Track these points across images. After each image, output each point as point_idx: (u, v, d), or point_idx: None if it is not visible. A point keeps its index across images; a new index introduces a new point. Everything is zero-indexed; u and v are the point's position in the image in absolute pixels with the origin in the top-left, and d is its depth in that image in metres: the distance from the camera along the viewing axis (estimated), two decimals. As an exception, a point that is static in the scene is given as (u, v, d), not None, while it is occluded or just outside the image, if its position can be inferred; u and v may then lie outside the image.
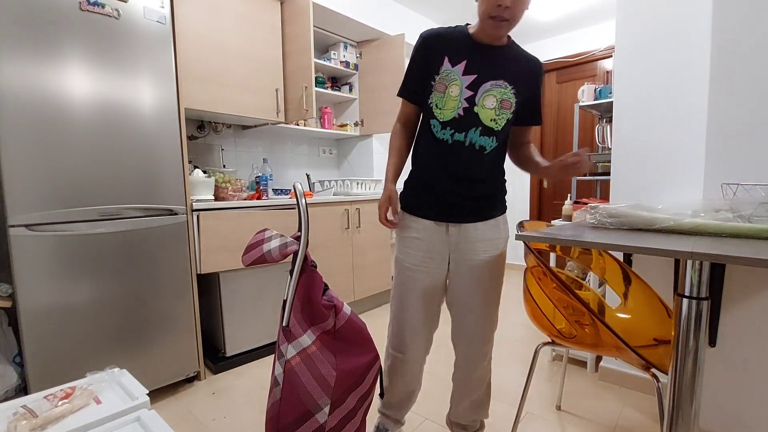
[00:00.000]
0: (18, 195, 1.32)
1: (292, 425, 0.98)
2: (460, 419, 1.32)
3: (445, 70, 1.06)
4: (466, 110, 1.05)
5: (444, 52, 1.07)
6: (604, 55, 3.45)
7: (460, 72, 1.05)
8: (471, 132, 1.06)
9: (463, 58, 1.05)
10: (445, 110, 1.07)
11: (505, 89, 1.06)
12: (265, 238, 1.04)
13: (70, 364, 1.45)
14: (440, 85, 1.07)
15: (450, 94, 1.06)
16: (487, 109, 1.05)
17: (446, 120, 1.07)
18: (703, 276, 0.86)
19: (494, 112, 1.06)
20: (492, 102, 1.05)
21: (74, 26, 1.40)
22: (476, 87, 1.05)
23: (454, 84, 1.05)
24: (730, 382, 1.34)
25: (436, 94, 1.08)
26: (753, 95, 1.22)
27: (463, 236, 1.12)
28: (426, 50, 1.10)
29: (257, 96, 2.32)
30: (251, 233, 1.93)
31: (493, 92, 1.05)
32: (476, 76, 1.05)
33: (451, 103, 1.06)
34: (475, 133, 1.06)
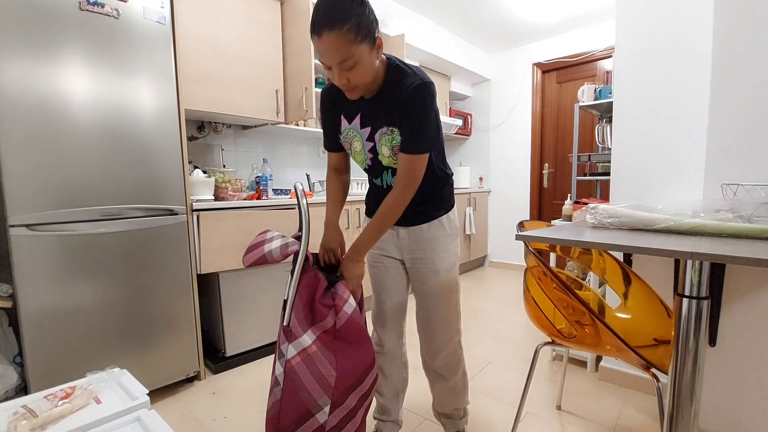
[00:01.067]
0: (18, 195, 1.32)
1: (293, 425, 0.98)
2: (442, 408, 1.36)
3: (344, 129, 1.14)
4: (372, 159, 1.14)
5: (340, 110, 1.13)
6: (604, 55, 3.45)
7: (357, 126, 1.11)
8: (384, 175, 1.16)
9: (357, 111, 1.10)
10: (358, 162, 1.18)
11: (393, 134, 1.05)
12: (267, 239, 1.04)
13: (70, 364, 1.45)
14: (345, 143, 1.16)
15: (355, 149, 1.14)
16: (385, 157, 1.10)
17: (364, 169, 1.19)
18: (703, 276, 0.86)
19: (390, 158, 1.10)
20: (387, 150, 1.08)
21: (74, 26, 1.41)
22: (373, 137, 1.09)
23: (356, 140, 1.12)
24: (730, 382, 1.34)
25: (348, 149, 1.18)
26: (753, 95, 1.22)
27: (413, 237, 1.21)
28: (326, 109, 1.16)
29: (257, 96, 2.32)
30: (251, 233, 1.93)
31: (384, 141, 1.07)
32: (370, 128, 1.09)
33: (359, 157, 1.15)
34: (387, 175, 1.16)
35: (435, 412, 1.39)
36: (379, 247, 1.26)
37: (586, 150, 3.45)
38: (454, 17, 3.35)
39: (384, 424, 1.37)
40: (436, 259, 1.20)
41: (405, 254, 1.23)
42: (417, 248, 1.21)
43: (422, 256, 1.21)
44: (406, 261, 1.24)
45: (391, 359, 1.32)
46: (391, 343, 1.30)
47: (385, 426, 1.37)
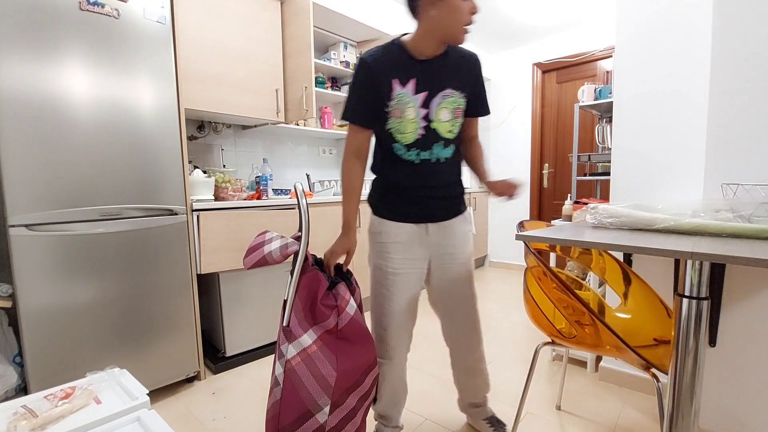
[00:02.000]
0: (18, 195, 1.32)
1: (293, 425, 0.98)
2: (474, 399, 1.40)
3: (397, 94, 1.06)
4: (425, 128, 1.08)
5: (390, 75, 1.06)
6: (604, 55, 3.45)
7: (411, 92, 1.06)
8: (435, 147, 1.11)
9: (411, 76, 1.06)
10: (407, 134, 1.08)
11: (455, 97, 1.09)
12: (266, 240, 1.04)
13: (70, 364, 1.45)
14: (396, 110, 1.07)
15: (407, 117, 1.07)
16: (443, 122, 1.09)
17: (410, 143, 1.09)
18: (703, 276, 0.86)
19: (450, 123, 1.10)
20: (446, 114, 1.08)
21: (74, 26, 1.41)
22: (429, 103, 1.07)
23: (409, 107, 1.06)
24: (730, 382, 1.34)
25: (393, 120, 1.08)
26: (753, 95, 1.22)
27: (442, 233, 1.18)
28: (372, 76, 1.07)
29: (257, 96, 2.32)
30: (251, 233, 1.93)
31: (445, 104, 1.08)
32: (427, 93, 1.06)
33: (411, 126, 1.07)
34: (438, 148, 1.11)
35: (465, 404, 1.44)
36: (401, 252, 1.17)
37: (586, 150, 3.45)
38: (454, 17, 3.34)
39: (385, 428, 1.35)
40: (465, 253, 1.23)
41: (433, 251, 1.20)
42: (448, 243, 1.19)
43: (452, 251, 1.20)
44: (434, 258, 1.21)
45: (400, 368, 1.28)
46: (403, 353, 1.26)
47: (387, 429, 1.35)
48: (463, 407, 1.46)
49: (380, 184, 1.20)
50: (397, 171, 1.14)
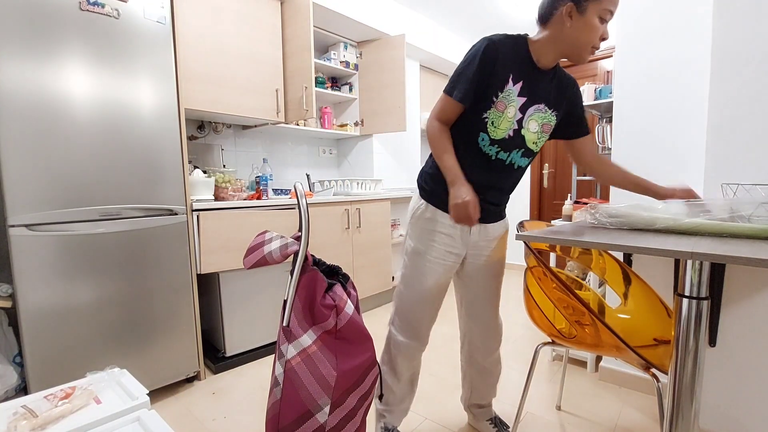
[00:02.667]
0: (18, 195, 1.32)
1: (293, 425, 0.98)
2: (482, 400, 1.43)
3: (508, 89, 1.06)
4: (515, 131, 1.08)
5: (509, 69, 1.06)
6: (604, 55, 3.45)
7: (517, 92, 1.07)
8: (514, 153, 1.12)
9: (521, 78, 1.07)
10: (499, 129, 1.08)
11: (546, 113, 1.11)
12: (266, 240, 1.04)
13: (70, 364, 1.45)
14: (501, 103, 1.07)
15: (507, 114, 1.07)
16: (531, 133, 1.10)
17: (497, 138, 1.09)
18: (703, 276, 0.86)
19: (537, 135, 1.12)
20: (535, 126, 1.10)
21: (74, 26, 1.41)
22: (525, 110, 1.08)
23: (512, 105, 1.07)
24: (730, 382, 1.34)
25: (494, 111, 1.07)
26: (753, 95, 1.22)
27: (483, 235, 1.21)
28: (493, 61, 1.04)
29: (257, 96, 2.32)
30: (251, 233, 1.93)
31: (536, 117, 1.10)
32: (526, 99, 1.07)
33: (506, 124, 1.07)
34: (517, 154, 1.13)
35: (470, 405, 1.46)
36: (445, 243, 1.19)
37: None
38: (454, 17, 3.35)
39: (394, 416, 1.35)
40: (499, 256, 1.27)
41: (471, 250, 1.22)
42: (487, 245, 1.23)
43: (488, 253, 1.24)
44: (469, 256, 1.23)
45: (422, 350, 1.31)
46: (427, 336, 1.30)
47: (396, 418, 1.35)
48: (468, 407, 1.48)
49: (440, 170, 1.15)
50: (471, 162, 1.12)
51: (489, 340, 1.33)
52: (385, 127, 2.96)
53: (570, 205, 2.04)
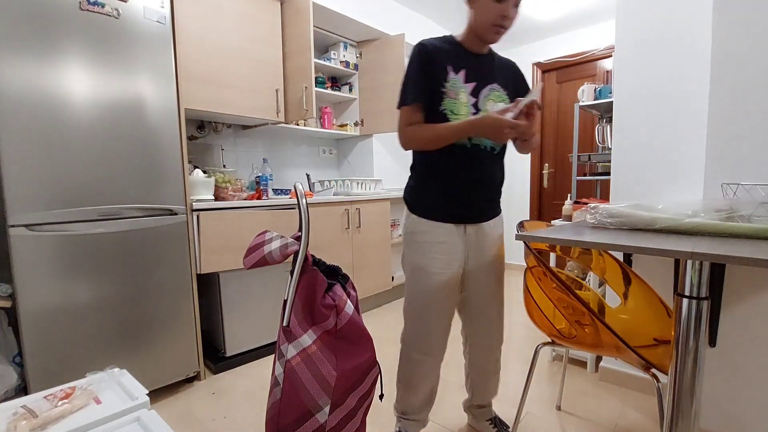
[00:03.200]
0: (18, 195, 1.32)
1: (293, 425, 0.98)
2: (485, 400, 1.43)
3: (452, 78, 1.11)
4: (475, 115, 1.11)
5: (445, 61, 1.12)
6: (604, 55, 3.45)
7: (462, 80, 1.12)
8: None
9: (462, 67, 1.12)
10: (459, 115, 1.10)
11: (500, 92, 1.16)
12: (266, 240, 1.04)
13: (70, 364, 1.45)
14: (451, 92, 1.11)
15: (461, 99, 1.11)
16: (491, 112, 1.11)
17: None
18: (703, 276, 0.86)
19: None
20: (493, 106, 1.12)
21: (74, 26, 1.40)
22: (477, 92, 1.13)
23: (462, 91, 1.11)
24: (730, 382, 1.34)
25: (448, 100, 1.11)
26: (753, 95, 1.22)
27: (480, 235, 1.21)
28: (430, 59, 1.11)
29: (257, 96, 2.32)
30: (251, 233, 1.93)
31: (492, 97, 1.14)
32: (476, 83, 1.13)
33: (464, 109, 1.11)
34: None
35: (471, 405, 1.45)
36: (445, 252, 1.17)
37: (586, 150, 3.45)
38: (454, 17, 3.35)
39: (411, 423, 1.34)
40: (499, 255, 1.26)
41: (471, 252, 1.21)
42: (485, 245, 1.22)
43: (489, 252, 1.23)
44: (470, 258, 1.22)
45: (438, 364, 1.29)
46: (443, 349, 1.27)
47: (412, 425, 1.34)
48: (468, 407, 1.47)
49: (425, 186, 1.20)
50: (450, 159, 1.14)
51: (491, 341, 1.33)
52: (385, 127, 2.96)
53: (570, 205, 2.04)
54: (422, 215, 1.19)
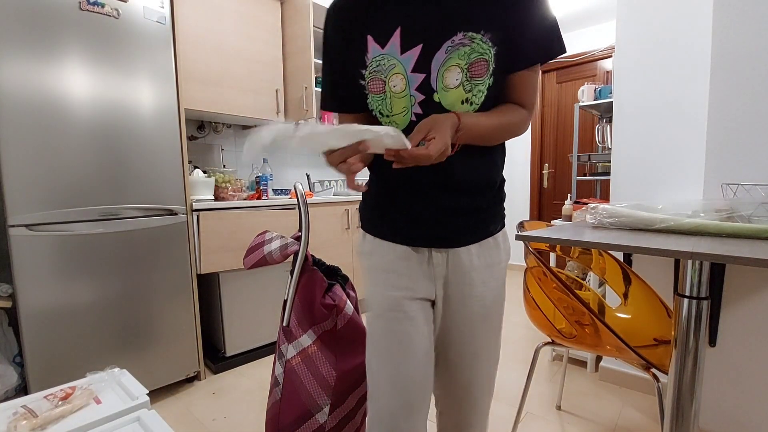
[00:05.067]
0: (18, 195, 1.32)
1: (293, 425, 0.98)
2: None
3: (373, 57, 0.69)
4: (424, 104, 0.69)
5: (363, 29, 0.69)
6: (604, 55, 3.45)
7: (396, 50, 0.67)
8: None
9: (394, 25, 0.67)
10: (394, 115, 0.71)
11: (473, 44, 0.65)
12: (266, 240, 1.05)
13: (70, 364, 1.45)
14: (373, 83, 0.71)
15: (392, 90, 0.70)
16: (452, 90, 0.67)
17: (403, 128, 0.71)
18: (703, 276, 0.86)
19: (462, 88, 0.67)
20: (456, 75, 0.66)
21: (74, 26, 1.41)
22: (427, 63, 0.67)
23: (395, 73, 0.68)
24: (730, 382, 1.34)
25: (372, 97, 0.72)
26: (753, 95, 1.22)
27: (454, 266, 0.75)
28: (338, 34, 0.73)
29: (257, 96, 2.32)
30: (251, 233, 1.93)
31: (454, 59, 0.66)
32: (422, 45, 0.66)
33: (400, 103, 0.70)
34: None
35: None
36: (402, 285, 0.75)
37: (586, 150, 3.45)
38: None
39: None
40: (488, 301, 0.78)
41: (440, 289, 0.77)
42: (461, 281, 0.76)
43: (470, 293, 0.77)
44: (440, 298, 0.77)
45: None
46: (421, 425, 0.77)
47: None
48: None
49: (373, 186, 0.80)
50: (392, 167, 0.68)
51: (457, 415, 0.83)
52: (385, 127, 2.96)
53: (570, 205, 2.04)
54: (368, 230, 0.81)
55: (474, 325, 0.78)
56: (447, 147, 0.58)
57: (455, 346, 0.80)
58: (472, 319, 0.78)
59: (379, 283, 0.77)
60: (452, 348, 0.80)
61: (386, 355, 0.75)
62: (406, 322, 0.74)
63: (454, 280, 0.76)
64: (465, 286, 0.76)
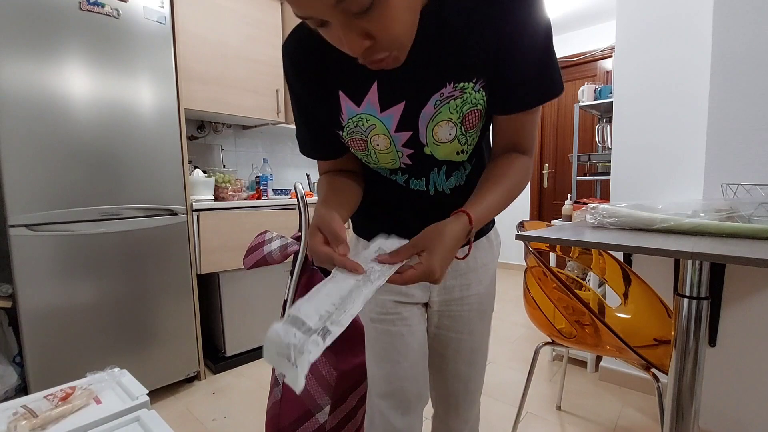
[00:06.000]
0: (18, 195, 1.32)
1: (293, 425, 0.98)
2: None
3: (349, 118, 0.61)
4: (413, 157, 0.64)
5: (332, 82, 0.60)
6: (604, 55, 3.45)
7: (374, 109, 0.59)
8: (433, 176, 0.68)
9: (368, 79, 0.58)
10: (382, 164, 0.67)
11: (464, 94, 0.57)
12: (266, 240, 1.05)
13: (70, 364, 1.45)
14: (354, 142, 0.64)
15: (375, 147, 0.63)
16: (445, 144, 0.62)
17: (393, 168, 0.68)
18: (703, 276, 0.86)
19: (458, 142, 0.62)
20: (449, 130, 0.60)
21: (74, 26, 1.41)
22: (412, 120, 0.60)
23: (375, 133, 0.61)
24: (730, 382, 1.34)
25: (355, 151, 0.66)
26: (753, 95, 1.22)
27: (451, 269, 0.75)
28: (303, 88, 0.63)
29: (257, 96, 2.32)
30: (251, 233, 1.92)
31: (445, 114, 0.58)
32: (404, 102, 0.58)
33: (386, 157, 0.65)
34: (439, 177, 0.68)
35: None
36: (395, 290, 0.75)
37: (586, 150, 3.45)
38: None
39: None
40: (483, 298, 0.80)
41: (436, 294, 0.77)
42: (458, 283, 0.77)
43: (466, 293, 0.77)
44: (437, 303, 0.78)
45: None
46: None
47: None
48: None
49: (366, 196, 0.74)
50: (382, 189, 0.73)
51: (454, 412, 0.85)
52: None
53: (570, 205, 2.04)
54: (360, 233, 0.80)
55: (472, 322, 0.80)
56: (431, 273, 0.52)
57: (453, 344, 0.81)
58: (470, 317, 0.79)
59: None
60: (450, 346, 0.81)
61: (382, 356, 0.76)
62: (400, 323, 0.75)
63: (453, 284, 0.77)
64: (463, 288, 0.77)
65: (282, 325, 0.46)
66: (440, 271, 0.53)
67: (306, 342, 0.45)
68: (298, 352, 0.44)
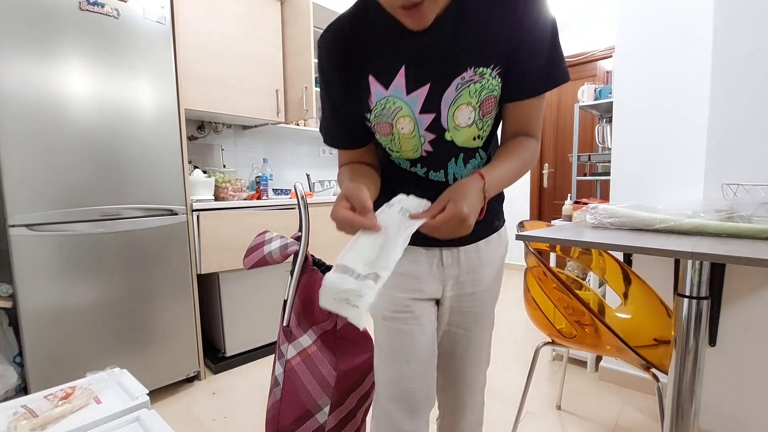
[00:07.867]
0: (18, 195, 1.32)
1: (292, 425, 0.98)
2: None
3: (377, 101, 0.66)
4: (435, 143, 0.69)
5: (363, 67, 0.66)
6: (604, 55, 3.45)
7: (401, 91, 0.65)
8: (451, 166, 0.72)
9: (397, 63, 0.64)
10: (404, 152, 0.72)
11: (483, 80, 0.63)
12: (266, 240, 1.05)
13: (70, 364, 1.45)
14: (380, 126, 0.69)
15: (400, 131, 0.68)
16: (464, 128, 0.67)
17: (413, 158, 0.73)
18: (703, 276, 0.86)
19: (476, 126, 0.67)
20: (468, 114, 0.65)
21: (74, 26, 1.41)
22: (435, 103, 0.64)
23: (401, 116, 0.66)
24: (730, 382, 1.34)
25: (380, 137, 0.72)
26: (754, 95, 1.22)
27: (465, 264, 0.77)
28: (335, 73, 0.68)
29: (257, 96, 2.32)
30: (251, 233, 1.92)
31: (465, 97, 0.64)
32: (429, 85, 0.63)
33: (409, 143, 0.69)
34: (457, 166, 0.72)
35: None
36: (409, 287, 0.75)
37: (586, 150, 3.45)
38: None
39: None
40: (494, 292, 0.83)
41: (449, 289, 0.78)
42: (470, 278, 0.78)
43: (477, 289, 0.79)
44: (449, 299, 0.79)
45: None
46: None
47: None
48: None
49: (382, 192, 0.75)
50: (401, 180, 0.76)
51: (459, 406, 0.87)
52: (385, 127, 2.96)
53: (570, 205, 2.04)
54: None
55: (481, 319, 0.83)
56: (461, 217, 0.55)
57: (463, 342, 0.83)
58: (481, 313, 0.82)
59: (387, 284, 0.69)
60: (460, 344, 0.83)
61: (391, 356, 0.77)
62: (412, 322, 0.76)
63: (466, 279, 0.78)
64: (474, 283, 0.79)
65: (334, 274, 0.53)
66: (469, 213, 0.56)
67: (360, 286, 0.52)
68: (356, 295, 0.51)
